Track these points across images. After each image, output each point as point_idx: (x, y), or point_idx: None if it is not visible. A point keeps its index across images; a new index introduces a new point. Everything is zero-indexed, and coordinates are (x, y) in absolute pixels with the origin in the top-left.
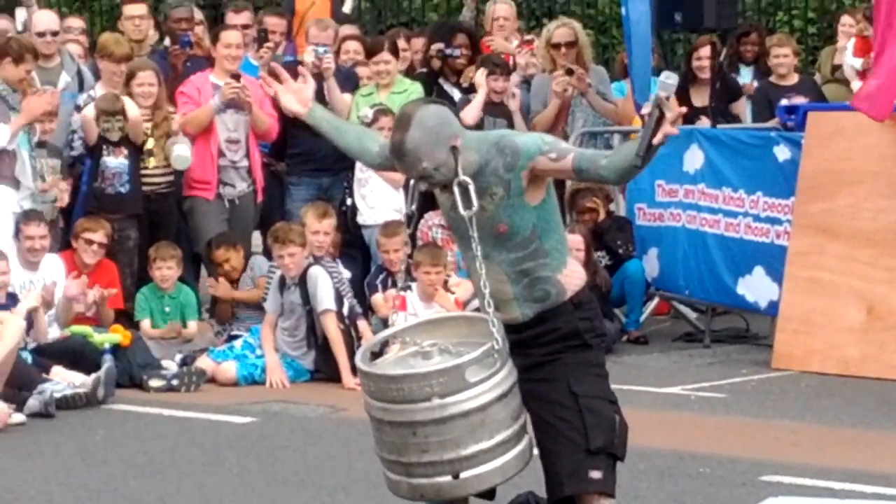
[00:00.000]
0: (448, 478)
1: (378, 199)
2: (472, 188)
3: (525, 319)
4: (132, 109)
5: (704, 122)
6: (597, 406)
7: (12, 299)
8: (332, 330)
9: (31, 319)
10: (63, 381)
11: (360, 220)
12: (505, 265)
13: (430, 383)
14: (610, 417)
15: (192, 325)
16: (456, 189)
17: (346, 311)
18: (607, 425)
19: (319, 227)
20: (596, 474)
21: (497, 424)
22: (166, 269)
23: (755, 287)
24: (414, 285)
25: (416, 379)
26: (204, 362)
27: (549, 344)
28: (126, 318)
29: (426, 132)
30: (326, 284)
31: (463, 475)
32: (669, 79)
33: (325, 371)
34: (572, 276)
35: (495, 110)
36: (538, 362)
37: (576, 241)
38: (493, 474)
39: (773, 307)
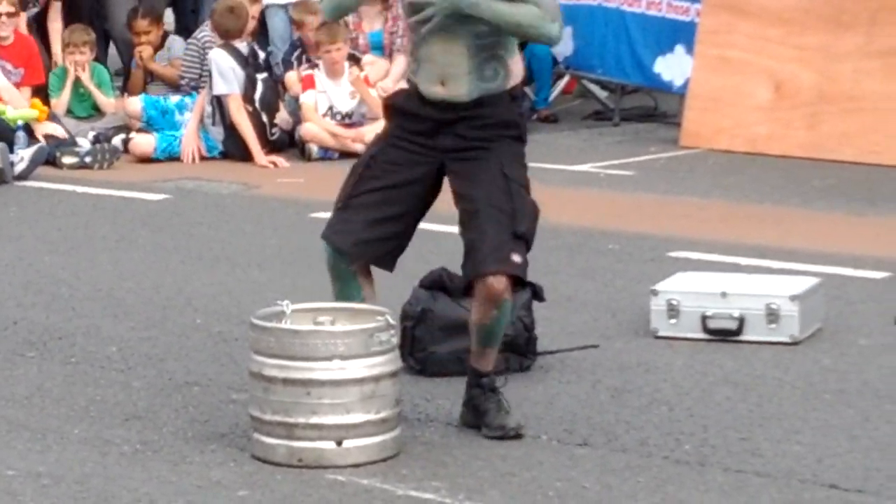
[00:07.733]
0: (331, 444)
1: None
2: None
3: (470, 98)
4: None
5: None
6: (523, 193)
7: None
8: (234, 111)
9: None
10: None
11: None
12: (470, 37)
13: (335, 342)
14: (534, 206)
15: (109, 100)
16: None
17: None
18: (532, 213)
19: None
20: (516, 258)
21: (384, 401)
22: (79, 54)
23: (673, 65)
24: (321, 63)
25: (323, 336)
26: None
27: (485, 128)
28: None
29: None
30: (225, 67)
31: (346, 443)
32: None
33: (235, 153)
34: (516, 66)
35: None
36: (471, 146)
37: None
38: (373, 449)
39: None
